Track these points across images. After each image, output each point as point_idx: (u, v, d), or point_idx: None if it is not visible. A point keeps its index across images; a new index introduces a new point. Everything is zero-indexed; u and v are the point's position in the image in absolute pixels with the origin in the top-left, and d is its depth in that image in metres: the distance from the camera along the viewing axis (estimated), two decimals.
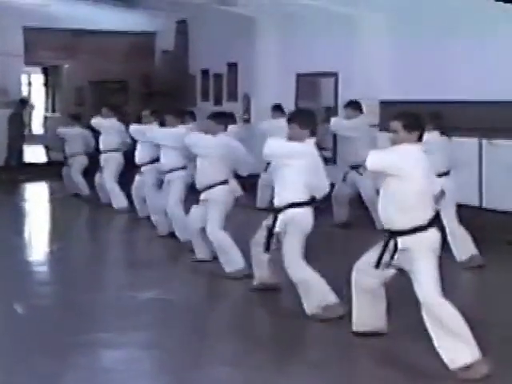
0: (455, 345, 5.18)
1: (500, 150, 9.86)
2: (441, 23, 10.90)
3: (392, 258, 5.50)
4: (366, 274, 5.76)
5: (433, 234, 5.44)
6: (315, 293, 6.51)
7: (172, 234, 9.68)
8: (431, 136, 8.28)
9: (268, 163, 10.59)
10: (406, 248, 5.41)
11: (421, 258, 5.34)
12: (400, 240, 5.42)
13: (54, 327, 6.41)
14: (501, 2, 9.02)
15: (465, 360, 5.15)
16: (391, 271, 5.69)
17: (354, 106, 10.83)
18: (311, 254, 6.74)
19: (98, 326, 6.44)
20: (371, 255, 5.72)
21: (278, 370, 5.48)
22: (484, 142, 10.06)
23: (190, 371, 5.43)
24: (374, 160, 5.48)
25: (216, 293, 7.80)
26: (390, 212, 5.45)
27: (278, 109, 12.20)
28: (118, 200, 12.27)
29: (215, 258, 8.27)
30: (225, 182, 8.17)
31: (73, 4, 17.33)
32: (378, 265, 5.60)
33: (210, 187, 8.11)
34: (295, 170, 6.60)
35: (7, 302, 7.06)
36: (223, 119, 8.42)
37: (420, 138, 5.52)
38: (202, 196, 8.19)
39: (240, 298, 7.58)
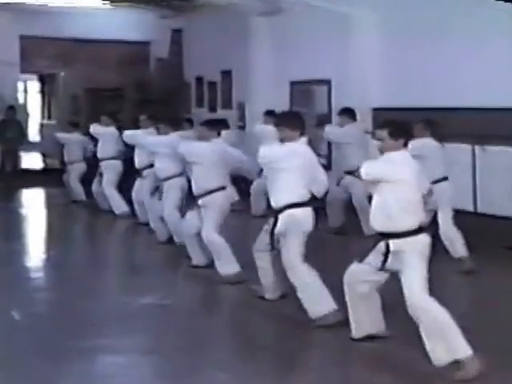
0: (443, 342, 5.24)
1: (493, 155, 9.93)
2: (433, 30, 10.90)
3: (385, 261, 5.58)
4: (357, 281, 5.83)
5: (424, 237, 5.54)
6: (315, 297, 6.48)
7: (170, 240, 9.70)
8: (427, 142, 8.40)
9: (261, 169, 10.69)
10: (398, 250, 5.51)
11: (411, 260, 5.44)
12: (392, 242, 5.52)
13: (51, 333, 6.43)
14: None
15: (451, 357, 5.23)
16: (382, 276, 5.77)
17: (348, 113, 10.88)
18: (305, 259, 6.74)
19: (95, 332, 6.45)
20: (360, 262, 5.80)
21: (276, 376, 5.50)
22: (477, 147, 10.13)
23: (187, 376, 5.45)
24: (368, 170, 5.64)
25: (214, 298, 7.81)
26: (383, 217, 5.57)
27: (270, 114, 12.02)
28: (119, 205, 12.26)
29: (211, 264, 8.30)
30: (222, 188, 8.19)
31: (69, 13, 17.46)
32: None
33: (208, 193, 8.12)
34: (291, 170, 6.58)
35: (5, 309, 7.07)
36: (215, 125, 8.51)
37: (405, 145, 5.67)
38: (200, 202, 8.20)
39: (237, 303, 7.60)
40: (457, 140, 9.77)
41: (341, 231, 10.74)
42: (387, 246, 5.54)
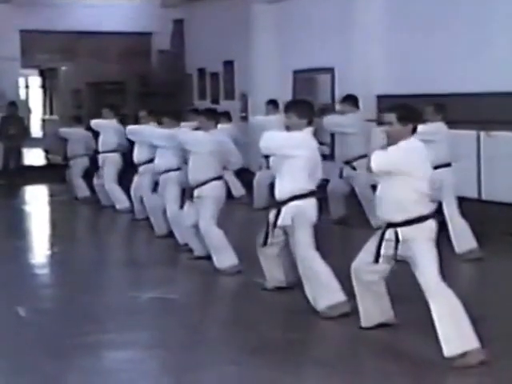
0: (455, 332, 5.22)
1: (498, 141, 9.86)
2: (437, 16, 10.90)
3: (396, 249, 5.52)
4: (365, 272, 5.81)
5: (430, 223, 5.49)
6: (325, 289, 6.44)
7: (170, 234, 9.67)
8: (437, 126, 8.37)
9: (266, 160, 10.62)
10: (407, 238, 5.46)
11: (420, 247, 5.41)
12: (400, 231, 5.46)
13: (56, 329, 6.41)
14: None
15: (462, 348, 5.20)
16: (389, 265, 5.73)
17: (351, 100, 10.60)
18: None
19: (100, 327, 6.44)
20: (366, 252, 5.78)
21: (283, 369, 5.44)
22: (482, 134, 10.06)
23: (193, 371, 5.41)
24: (379, 161, 5.48)
25: (218, 291, 7.80)
26: (395, 209, 5.47)
27: (272, 104, 12.12)
28: (120, 200, 12.25)
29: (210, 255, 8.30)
30: (217, 178, 8.19)
31: (69, 5, 17.39)
32: (377, 259, 5.63)
33: (203, 184, 8.12)
34: (296, 161, 6.49)
35: (10, 305, 7.06)
36: (214, 115, 8.56)
37: (414, 131, 5.54)
38: (196, 193, 8.19)
39: (242, 296, 7.56)
40: (461, 126, 9.70)
41: (342, 222, 10.67)
42: (396, 235, 5.48)
